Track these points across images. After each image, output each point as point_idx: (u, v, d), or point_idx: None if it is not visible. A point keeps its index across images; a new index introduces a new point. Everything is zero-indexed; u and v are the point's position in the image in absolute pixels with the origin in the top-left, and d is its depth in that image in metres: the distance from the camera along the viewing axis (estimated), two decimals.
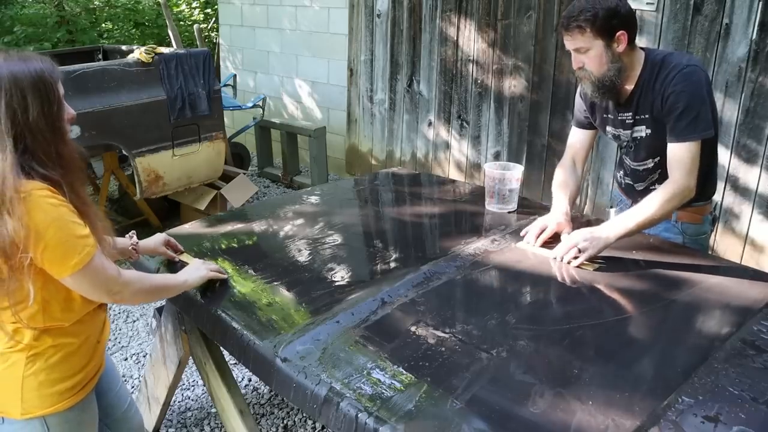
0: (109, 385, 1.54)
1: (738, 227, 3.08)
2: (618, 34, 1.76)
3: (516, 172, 2.21)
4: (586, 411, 1.16)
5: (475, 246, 1.90)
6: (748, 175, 2.98)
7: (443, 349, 1.36)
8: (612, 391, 1.22)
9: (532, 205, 2.36)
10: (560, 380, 1.26)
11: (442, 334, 1.41)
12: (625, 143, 2.00)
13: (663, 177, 1.87)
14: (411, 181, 2.76)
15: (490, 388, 1.23)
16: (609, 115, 1.99)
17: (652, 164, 1.95)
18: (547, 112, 3.71)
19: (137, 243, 1.70)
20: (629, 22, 1.79)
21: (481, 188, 2.44)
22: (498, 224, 2.12)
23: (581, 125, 2.13)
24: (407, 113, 4.50)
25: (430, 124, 4.37)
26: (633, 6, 3.15)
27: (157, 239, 1.77)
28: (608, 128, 2.02)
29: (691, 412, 1.16)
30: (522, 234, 1.95)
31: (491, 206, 2.25)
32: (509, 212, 2.22)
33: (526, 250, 1.88)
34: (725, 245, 3.15)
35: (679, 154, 1.78)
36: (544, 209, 2.27)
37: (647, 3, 3.13)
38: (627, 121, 1.93)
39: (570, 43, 1.81)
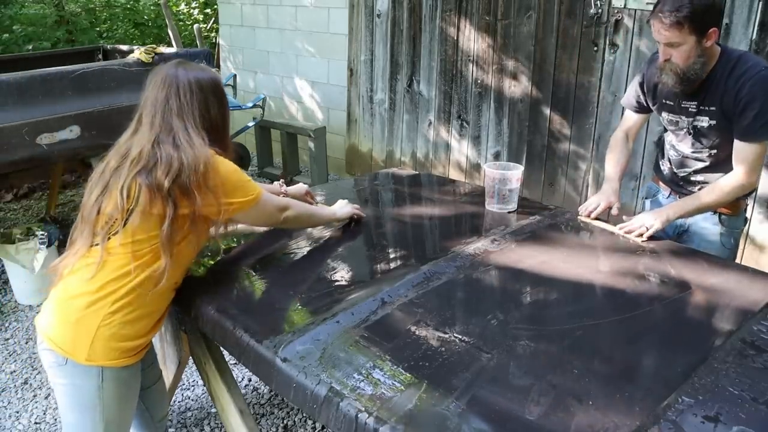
0: (147, 358, 1.67)
1: None
2: (710, 30, 1.78)
3: (516, 172, 2.21)
4: (586, 411, 1.16)
5: (475, 246, 1.90)
6: None
7: (443, 349, 1.36)
8: (612, 391, 1.22)
9: (532, 205, 2.36)
10: (560, 380, 1.26)
11: (442, 334, 1.41)
12: (683, 130, 2.02)
13: (708, 170, 1.98)
14: (411, 181, 2.76)
15: (490, 388, 1.23)
16: (669, 101, 2.02)
17: (707, 155, 2.00)
18: (547, 112, 3.71)
19: (286, 191, 2.05)
20: (720, 17, 1.84)
21: (481, 188, 2.44)
22: (498, 224, 2.12)
23: (634, 109, 2.21)
24: (407, 113, 4.50)
25: (430, 124, 4.37)
26: (633, 6, 3.18)
27: (300, 188, 2.13)
28: (665, 113, 2.06)
29: (691, 412, 1.16)
30: (579, 209, 2.18)
31: (491, 206, 2.25)
32: (509, 212, 2.22)
33: (588, 223, 2.11)
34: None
35: (749, 151, 1.86)
36: (544, 209, 2.27)
37: (647, 3, 3.12)
38: (690, 109, 1.96)
39: (664, 36, 1.80)
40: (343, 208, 2.03)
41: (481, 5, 3.85)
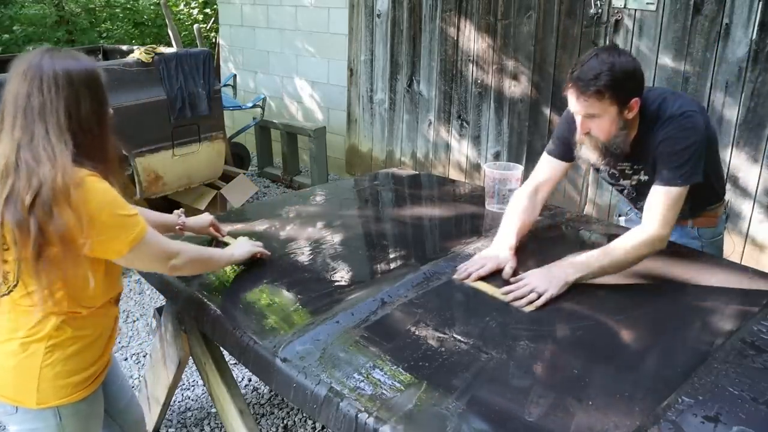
0: (112, 377, 1.57)
1: (738, 227, 3.08)
2: (632, 101, 1.64)
3: (516, 172, 2.22)
4: (586, 411, 1.16)
5: (475, 246, 1.90)
6: (748, 174, 2.98)
7: (443, 349, 1.36)
8: (612, 392, 1.22)
9: None
10: (560, 381, 1.26)
11: (442, 335, 1.41)
12: (627, 189, 1.93)
13: None
14: (411, 181, 2.76)
15: (489, 388, 1.23)
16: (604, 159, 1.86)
17: None
18: (547, 112, 3.71)
19: (185, 222, 1.79)
20: (642, 86, 1.67)
21: (481, 188, 2.44)
22: (498, 224, 2.11)
23: (558, 156, 1.94)
24: (407, 113, 4.50)
25: (430, 124, 4.37)
26: (633, 6, 3.18)
27: (204, 220, 1.86)
28: (602, 167, 1.90)
29: (691, 412, 1.16)
30: (458, 268, 1.73)
31: (491, 206, 2.25)
32: None
33: (465, 286, 1.66)
34: (725, 245, 3.15)
35: (659, 199, 1.67)
36: (544, 209, 2.27)
37: (647, 3, 3.13)
38: (626, 171, 1.87)
39: (582, 107, 1.64)
40: (241, 247, 1.75)
41: (481, 5, 3.85)
